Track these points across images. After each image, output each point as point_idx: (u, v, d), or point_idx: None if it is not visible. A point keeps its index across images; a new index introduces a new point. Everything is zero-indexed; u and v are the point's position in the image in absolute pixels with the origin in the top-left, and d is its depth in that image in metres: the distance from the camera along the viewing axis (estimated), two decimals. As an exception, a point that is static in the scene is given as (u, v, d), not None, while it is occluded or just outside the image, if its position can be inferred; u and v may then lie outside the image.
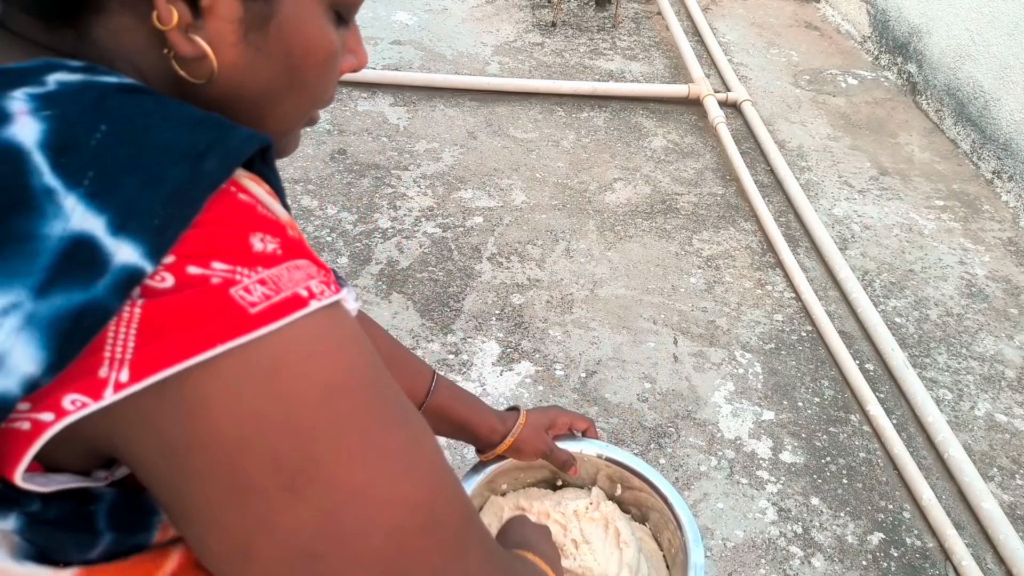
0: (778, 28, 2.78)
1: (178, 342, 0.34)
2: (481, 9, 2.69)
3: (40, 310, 0.33)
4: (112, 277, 0.33)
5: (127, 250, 0.33)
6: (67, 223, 0.33)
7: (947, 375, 1.51)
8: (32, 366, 0.33)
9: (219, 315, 0.34)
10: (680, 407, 1.39)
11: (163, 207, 0.34)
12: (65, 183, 0.33)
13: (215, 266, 0.35)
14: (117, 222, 0.33)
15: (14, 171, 0.33)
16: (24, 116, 0.34)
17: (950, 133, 2.23)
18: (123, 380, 0.33)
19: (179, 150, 0.35)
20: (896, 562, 1.19)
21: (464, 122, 2.11)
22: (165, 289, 0.34)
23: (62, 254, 0.33)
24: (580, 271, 1.66)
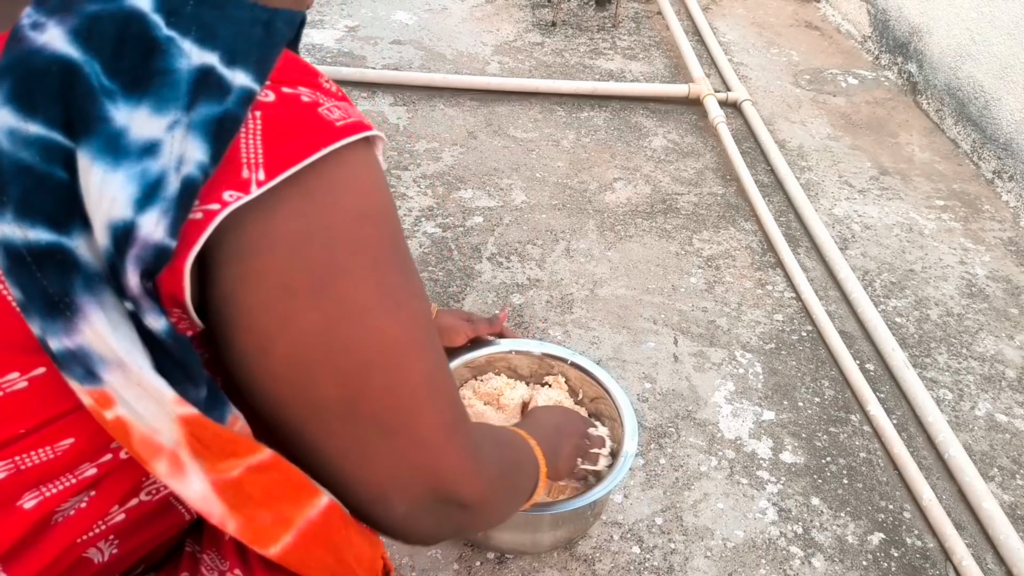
0: (778, 28, 2.78)
1: (292, 148, 0.44)
2: (481, 9, 2.69)
3: (194, 119, 0.42)
4: (236, 94, 0.43)
5: (241, 76, 0.44)
6: (190, 59, 0.43)
7: (947, 375, 1.51)
8: (202, 155, 0.42)
9: (315, 127, 0.45)
10: (680, 407, 1.39)
11: (256, 49, 0.45)
12: (180, 32, 0.43)
13: (301, 90, 0.46)
14: (227, 57, 0.43)
15: (142, 26, 0.42)
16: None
17: (950, 133, 2.23)
18: (261, 178, 0.43)
19: (251, 18, 0.45)
20: (896, 562, 1.19)
21: (464, 122, 2.11)
22: (270, 103, 0.45)
23: (195, 80, 0.42)
24: (580, 271, 1.66)
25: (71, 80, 0.41)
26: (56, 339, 0.42)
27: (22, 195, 0.41)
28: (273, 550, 0.50)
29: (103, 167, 0.40)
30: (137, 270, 0.41)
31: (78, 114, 0.41)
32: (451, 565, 1.12)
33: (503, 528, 1.08)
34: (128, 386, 0.44)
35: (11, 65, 0.41)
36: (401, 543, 0.56)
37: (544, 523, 1.08)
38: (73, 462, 0.47)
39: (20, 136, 0.41)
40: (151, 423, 0.45)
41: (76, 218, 0.41)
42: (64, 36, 0.41)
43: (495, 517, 0.60)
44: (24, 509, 0.47)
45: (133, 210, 0.41)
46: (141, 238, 0.41)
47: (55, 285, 0.41)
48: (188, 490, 0.47)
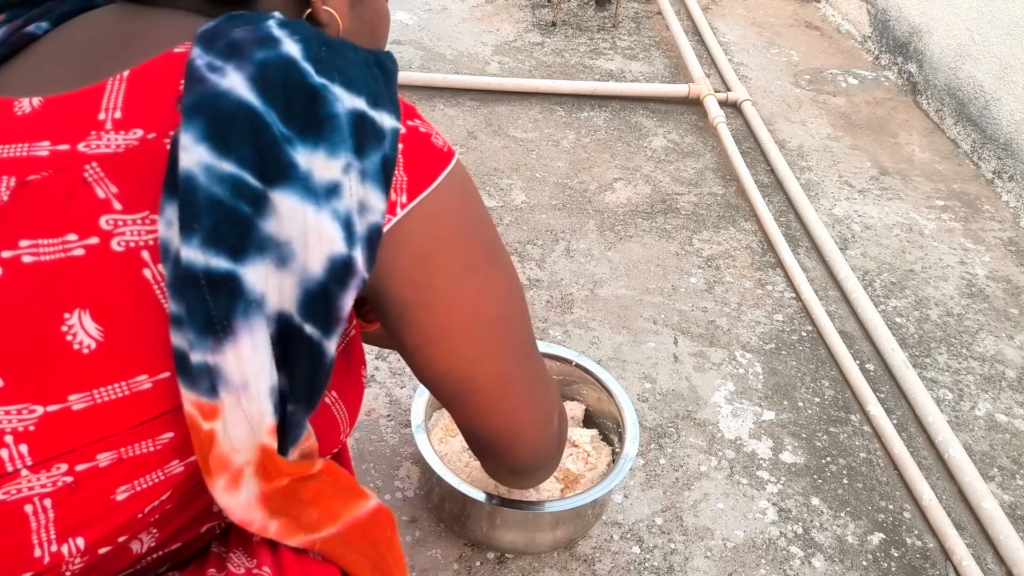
0: (778, 28, 2.78)
1: (424, 174, 0.53)
2: (481, 9, 2.69)
3: (367, 167, 0.48)
4: (390, 136, 0.49)
5: (387, 118, 0.50)
6: (344, 104, 0.47)
7: (947, 375, 1.51)
8: (381, 204, 0.49)
9: (434, 154, 0.54)
10: (680, 407, 1.39)
11: (386, 90, 0.50)
12: (328, 80, 0.47)
13: (417, 122, 0.54)
14: (371, 101, 0.49)
15: (299, 74, 0.47)
16: (287, 39, 0.48)
17: (950, 133, 2.23)
18: (404, 201, 0.52)
19: (366, 60, 0.51)
20: (896, 562, 1.19)
21: (464, 122, 2.11)
22: (404, 135, 0.52)
23: (353, 123, 0.47)
24: (580, 271, 1.66)
25: (258, 127, 0.45)
26: (200, 353, 0.46)
27: (212, 226, 0.45)
28: (316, 536, 0.54)
29: (313, 209, 0.46)
30: (353, 296, 0.49)
31: (270, 160, 0.45)
32: (451, 565, 1.12)
33: (503, 527, 1.08)
34: (236, 407, 0.48)
35: (200, 105, 0.45)
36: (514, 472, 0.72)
37: (544, 522, 1.08)
38: (167, 457, 0.50)
39: (215, 172, 0.45)
40: (235, 443, 0.49)
41: (251, 249, 0.46)
42: (245, 83, 0.45)
43: (561, 450, 0.75)
44: (116, 501, 0.50)
45: (346, 247, 0.47)
46: (358, 271, 0.48)
47: (219, 308, 0.46)
48: (234, 502, 0.51)
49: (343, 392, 0.62)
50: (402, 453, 1.26)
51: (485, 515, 1.08)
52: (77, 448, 0.47)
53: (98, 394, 0.47)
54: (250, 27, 0.48)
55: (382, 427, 1.30)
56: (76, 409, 0.46)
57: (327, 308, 0.48)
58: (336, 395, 0.61)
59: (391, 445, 1.27)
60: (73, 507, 0.48)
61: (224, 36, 0.47)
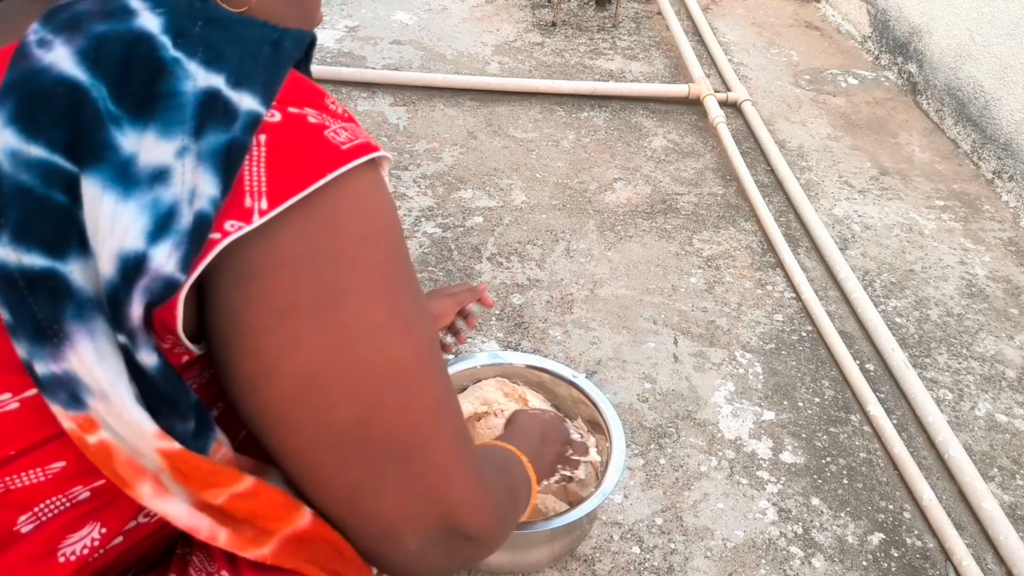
0: (778, 28, 2.78)
1: (296, 175, 0.43)
2: (481, 9, 2.69)
3: (203, 148, 0.41)
4: (243, 119, 0.42)
5: (248, 99, 0.43)
6: (195, 81, 0.42)
7: (947, 375, 1.51)
8: (213, 190, 0.41)
9: (321, 150, 0.44)
10: (680, 407, 1.39)
11: (263, 70, 0.44)
12: (186, 54, 0.42)
13: (308, 111, 0.45)
14: (233, 79, 0.43)
15: (149, 48, 0.42)
16: (145, 11, 0.43)
17: (950, 133, 2.23)
18: (264, 207, 0.42)
19: (260, 38, 0.45)
20: (896, 562, 1.19)
21: (464, 122, 2.11)
22: (276, 123, 0.44)
23: (201, 103, 0.42)
24: (580, 271, 1.66)
25: (77, 103, 0.40)
26: (42, 363, 0.42)
27: (20, 219, 0.40)
28: (263, 551, 0.50)
29: (114, 197, 0.40)
30: (143, 301, 0.41)
31: (85, 140, 0.40)
32: (451, 565, 1.12)
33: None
34: (111, 413, 0.43)
35: (15, 83, 0.41)
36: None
37: (532, 541, 1.07)
38: (64, 484, 0.47)
39: (21, 158, 0.40)
40: (133, 447, 0.44)
41: (73, 243, 0.41)
42: (71, 57, 0.41)
43: (498, 545, 0.59)
44: (22, 533, 0.47)
45: (145, 242, 0.40)
46: (152, 270, 0.41)
47: (45, 311, 0.41)
48: (173, 510, 0.47)
49: None
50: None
51: None
52: None
53: None
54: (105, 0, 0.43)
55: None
56: None
57: (119, 315, 0.41)
58: None
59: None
60: None
61: (68, 9, 0.43)
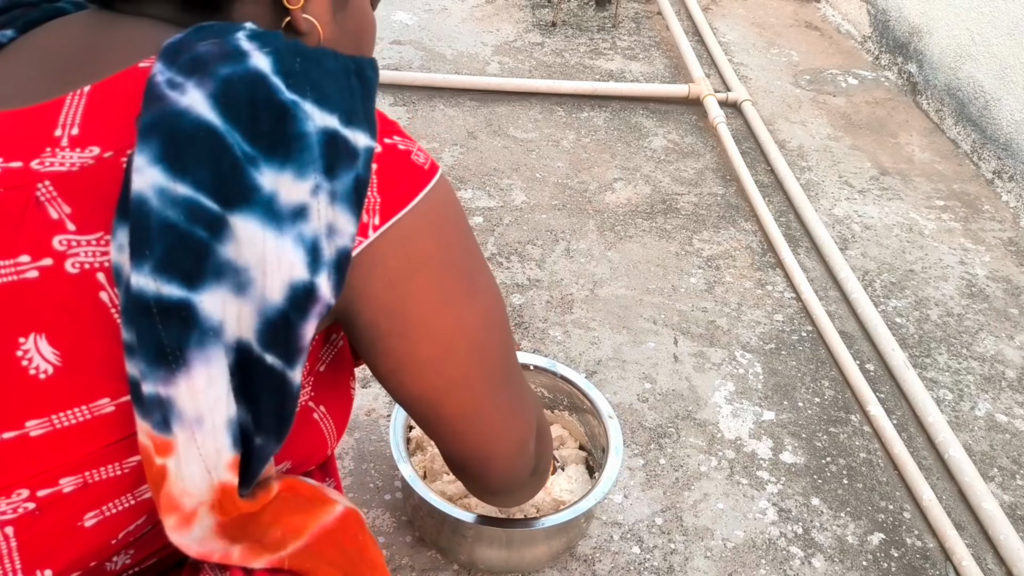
0: (778, 28, 2.78)
1: (399, 194, 0.49)
2: (481, 9, 2.69)
3: (337, 188, 0.46)
4: (363, 156, 0.47)
5: (361, 136, 0.47)
6: (315, 122, 0.45)
7: (947, 375, 1.51)
8: (351, 227, 0.46)
9: (412, 173, 0.51)
10: (680, 407, 1.39)
11: (362, 105, 0.48)
12: (299, 95, 0.45)
13: (396, 139, 0.51)
14: (345, 118, 0.46)
15: (267, 90, 0.44)
16: (255, 52, 0.45)
17: (950, 133, 2.23)
18: (376, 223, 0.48)
19: (345, 70, 0.48)
20: (896, 562, 1.19)
21: (464, 122, 2.11)
22: (379, 153, 0.49)
23: (324, 143, 0.45)
24: (580, 271, 1.66)
25: (217, 147, 0.43)
26: (151, 384, 0.44)
27: (165, 252, 0.43)
28: (283, 553, 0.52)
29: (274, 233, 0.44)
30: (315, 325, 0.46)
31: (229, 182, 0.43)
32: (451, 565, 1.12)
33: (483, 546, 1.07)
34: (190, 444, 0.46)
35: (156, 123, 0.43)
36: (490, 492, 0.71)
37: (530, 538, 1.07)
38: (136, 481, 0.48)
39: (168, 195, 0.42)
40: (188, 485, 0.47)
41: (208, 276, 0.43)
42: (205, 101, 0.43)
43: (544, 478, 0.74)
44: (85, 527, 0.48)
45: (309, 273, 0.45)
46: (321, 297, 0.46)
47: (172, 338, 0.43)
48: (186, 539, 0.48)
49: (332, 406, 0.61)
50: (402, 453, 1.26)
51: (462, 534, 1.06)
52: (38, 473, 0.45)
53: (57, 419, 0.45)
54: (216, 40, 0.46)
55: (382, 427, 1.30)
56: (34, 435, 0.45)
57: (287, 337, 0.46)
58: (325, 410, 0.60)
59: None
60: (38, 535, 0.47)
61: (188, 50, 0.45)
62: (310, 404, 0.54)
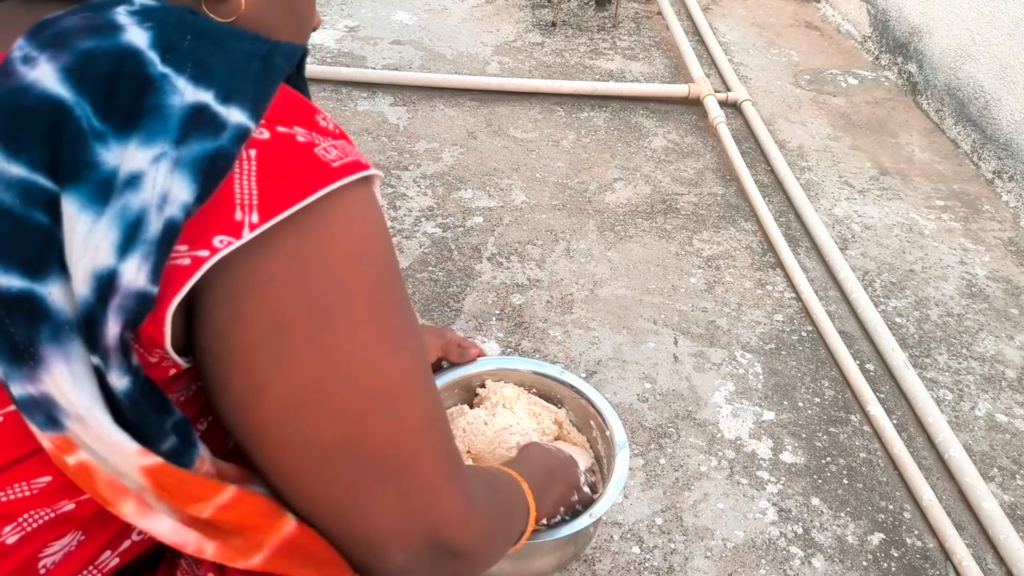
0: (778, 28, 2.78)
1: (288, 190, 0.43)
2: (481, 9, 2.69)
3: (183, 154, 0.41)
4: (231, 131, 0.42)
5: (236, 113, 0.42)
6: (183, 96, 0.42)
7: (947, 375, 1.51)
8: (187, 195, 0.41)
9: (311, 167, 0.44)
10: (680, 407, 1.39)
11: (252, 86, 0.44)
12: (174, 70, 0.42)
13: (297, 129, 0.45)
14: (222, 95, 0.42)
15: (136, 64, 0.42)
16: (133, 26, 0.43)
17: (950, 133, 2.23)
18: (254, 221, 0.42)
19: (250, 52, 0.45)
20: (896, 562, 1.19)
21: (464, 122, 2.11)
22: (265, 140, 0.43)
23: (187, 116, 0.41)
24: (580, 271, 1.66)
25: (60, 122, 0.40)
26: (19, 385, 0.41)
27: (0, 239, 0.40)
28: (253, 561, 0.50)
29: (90, 217, 0.40)
30: (120, 320, 0.40)
31: (66, 159, 0.40)
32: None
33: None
34: (89, 436, 0.43)
35: (0, 103, 0.41)
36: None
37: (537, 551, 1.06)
38: (51, 499, 0.46)
39: (4, 178, 0.40)
40: (115, 467, 0.44)
41: (52, 264, 0.40)
42: (55, 74, 0.41)
43: (487, 564, 0.58)
44: (7, 544, 0.46)
45: (115, 256, 0.40)
46: (123, 286, 0.40)
47: (21, 333, 0.40)
48: (158, 527, 0.46)
49: None
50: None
51: None
52: None
53: None
54: (89, 14, 0.43)
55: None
56: None
57: (95, 335, 0.41)
58: None
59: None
60: None
61: (55, 25, 0.42)
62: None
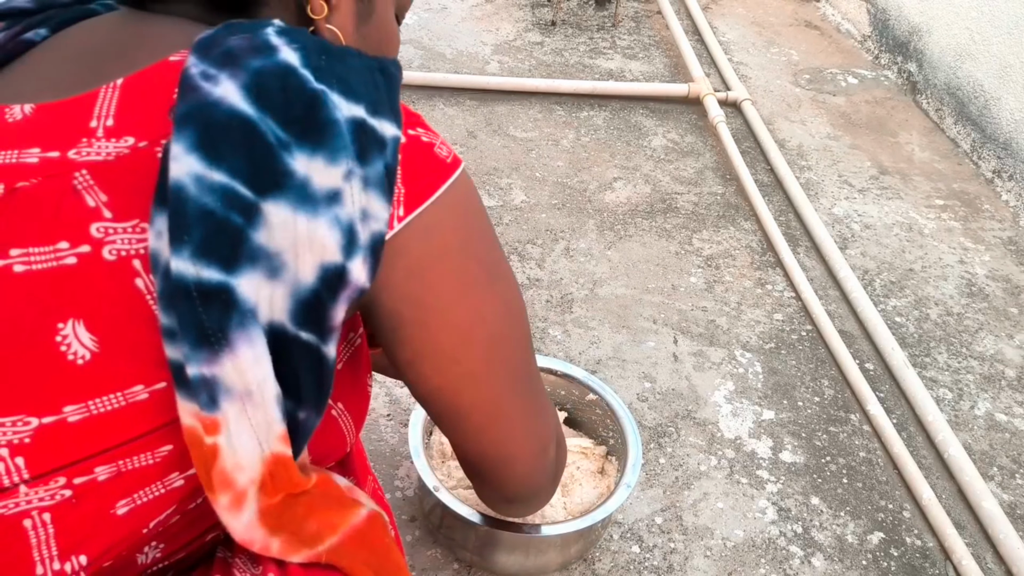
0: (778, 27, 2.78)
1: (423, 185, 0.51)
2: (481, 8, 2.69)
3: (369, 174, 0.47)
4: (391, 145, 0.49)
5: (388, 126, 0.49)
6: (342, 111, 0.47)
7: (947, 374, 1.51)
8: (384, 212, 0.48)
9: (436, 165, 0.52)
10: (680, 407, 1.39)
11: (387, 97, 0.49)
12: (327, 86, 0.47)
13: (419, 131, 0.52)
14: (371, 108, 0.48)
15: (298, 81, 0.46)
16: (284, 47, 0.47)
17: (950, 132, 2.23)
18: (400, 214, 0.50)
19: (369, 66, 0.50)
20: (896, 561, 1.19)
21: (464, 121, 2.11)
22: (404, 144, 0.50)
23: (354, 131, 0.47)
24: (580, 270, 1.66)
25: (251, 135, 0.45)
26: (196, 366, 0.45)
27: (204, 237, 0.44)
28: (320, 548, 0.54)
29: (306, 216, 0.45)
30: (346, 307, 0.48)
31: (263, 169, 0.45)
32: (451, 564, 1.12)
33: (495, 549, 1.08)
34: (241, 417, 0.47)
35: (192, 114, 0.44)
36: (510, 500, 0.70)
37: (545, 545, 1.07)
38: (167, 469, 0.49)
39: (206, 183, 0.44)
40: (240, 459, 0.48)
41: (243, 260, 0.45)
42: (238, 92, 0.45)
43: (559, 478, 0.72)
44: (117, 515, 0.49)
45: (343, 255, 0.46)
46: (352, 281, 0.47)
47: (213, 320, 0.45)
48: (237, 522, 0.50)
49: (349, 403, 0.61)
50: (402, 452, 1.26)
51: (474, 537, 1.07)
52: (75, 462, 0.46)
53: (93, 405, 0.46)
54: (247, 35, 0.47)
55: (382, 426, 1.30)
56: (72, 421, 0.46)
57: (319, 316, 0.47)
58: (343, 407, 0.61)
59: (391, 444, 1.27)
60: (73, 522, 0.47)
61: (220, 44, 0.46)
62: (328, 401, 0.56)
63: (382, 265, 0.49)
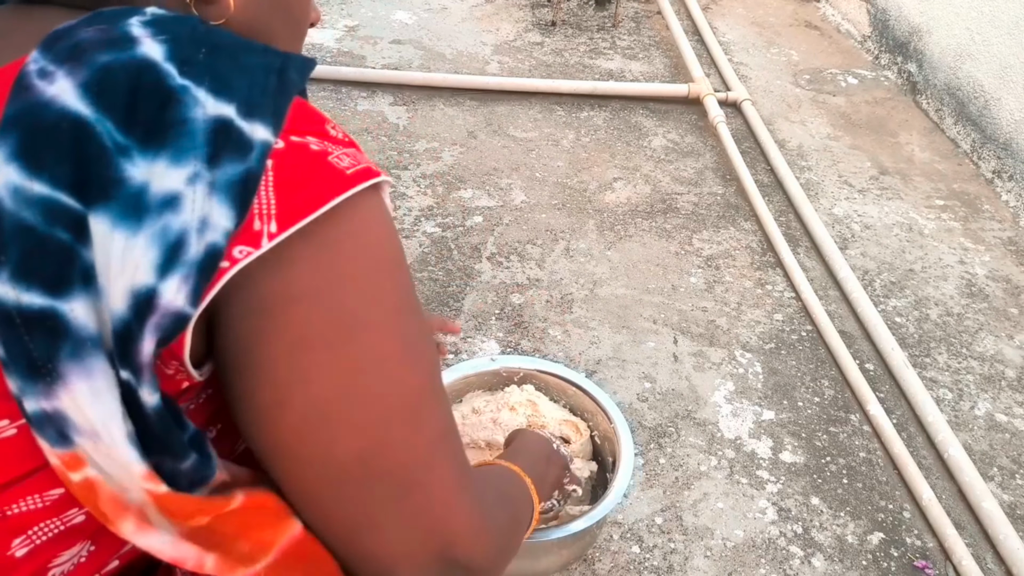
0: (778, 27, 2.78)
1: (304, 199, 0.43)
2: (481, 8, 2.69)
3: (218, 178, 0.41)
4: (258, 149, 0.42)
5: (260, 129, 0.42)
6: (205, 109, 0.41)
7: (947, 375, 1.51)
8: (227, 222, 0.41)
9: (326, 175, 0.44)
10: (680, 407, 1.39)
11: (271, 100, 0.44)
12: (193, 82, 0.42)
13: (309, 139, 0.45)
14: (244, 109, 0.42)
15: (155, 77, 0.41)
16: (147, 39, 0.42)
17: (950, 133, 2.23)
18: (272, 231, 0.42)
19: (265, 66, 0.44)
20: (896, 562, 1.19)
21: (464, 121, 2.11)
22: (280, 150, 0.43)
23: (212, 130, 0.41)
24: (580, 271, 1.66)
25: (82, 140, 0.40)
26: (33, 400, 0.41)
27: (21, 257, 0.39)
28: (257, 567, 0.49)
29: (124, 233, 0.40)
30: (155, 338, 0.41)
31: (91, 177, 0.40)
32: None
33: None
34: (99, 452, 0.42)
35: (18, 116, 0.40)
36: None
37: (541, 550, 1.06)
38: (60, 509, 0.46)
39: (24, 195, 0.39)
40: (119, 483, 0.43)
41: (75, 282, 0.40)
42: (74, 90, 0.40)
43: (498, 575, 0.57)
44: (16, 557, 0.46)
45: (155, 276, 0.40)
46: (162, 305, 0.40)
47: (41, 350, 0.40)
48: (157, 543, 0.46)
49: None
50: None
51: None
52: None
53: None
54: (104, 26, 0.42)
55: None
56: None
57: (128, 351, 0.41)
58: None
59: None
60: None
61: (69, 37, 0.42)
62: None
63: (222, 290, 0.42)
